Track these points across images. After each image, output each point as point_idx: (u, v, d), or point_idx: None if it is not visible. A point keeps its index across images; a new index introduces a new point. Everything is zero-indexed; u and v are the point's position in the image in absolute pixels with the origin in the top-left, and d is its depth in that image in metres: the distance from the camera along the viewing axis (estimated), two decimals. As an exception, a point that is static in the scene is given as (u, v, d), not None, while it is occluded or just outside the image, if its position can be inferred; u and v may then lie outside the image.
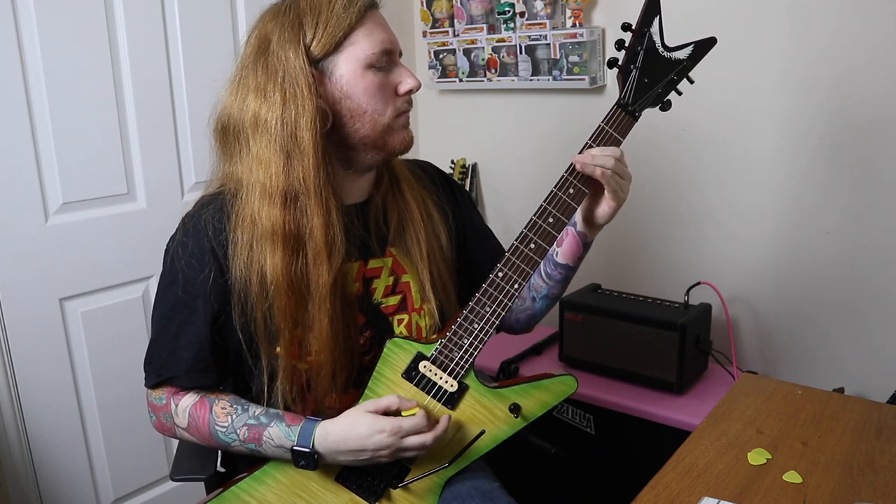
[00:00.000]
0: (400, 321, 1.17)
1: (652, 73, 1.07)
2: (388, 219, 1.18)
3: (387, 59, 1.09)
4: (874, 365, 1.75)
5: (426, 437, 1.04)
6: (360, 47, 1.06)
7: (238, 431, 1.09)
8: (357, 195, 1.17)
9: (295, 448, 1.05)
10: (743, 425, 1.16)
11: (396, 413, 1.06)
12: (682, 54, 1.07)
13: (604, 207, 1.12)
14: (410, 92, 1.11)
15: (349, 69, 1.07)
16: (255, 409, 1.10)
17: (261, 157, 1.05)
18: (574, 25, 2.00)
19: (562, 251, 1.20)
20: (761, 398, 1.25)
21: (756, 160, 1.84)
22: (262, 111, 1.05)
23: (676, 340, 1.66)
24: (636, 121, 1.09)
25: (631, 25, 1.07)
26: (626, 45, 1.08)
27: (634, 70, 1.07)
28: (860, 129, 1.69)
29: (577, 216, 1.17)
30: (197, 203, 1.14)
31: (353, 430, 1.04)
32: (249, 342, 1.10)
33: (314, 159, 1.04)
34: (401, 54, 1.14)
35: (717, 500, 0.96)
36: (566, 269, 1.22)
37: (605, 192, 1.10)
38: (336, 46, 1.06)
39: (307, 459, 1.05)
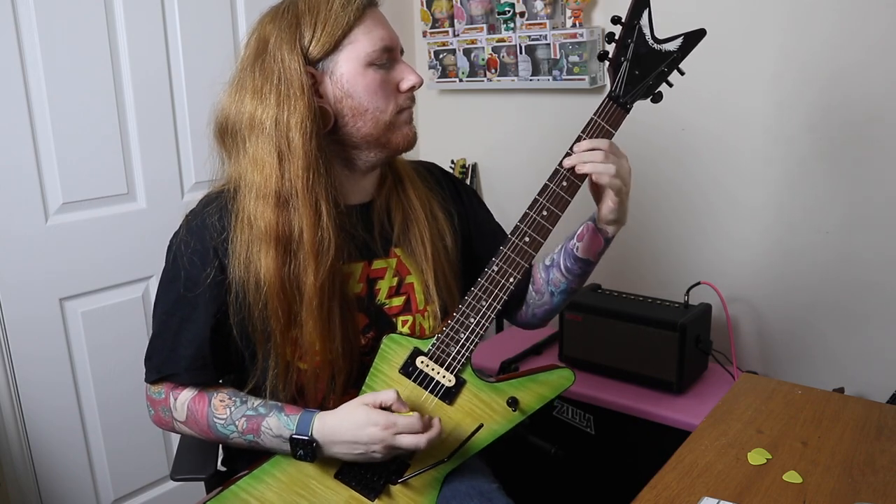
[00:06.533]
0: (404, 322, 1.17)
1: (642, 65, 1.08)
2: (392, 219, 1.18)
3: (387, 57, 1.09)
4: (874, 365, 1.75)
5: (420, 439, 1.03)
6: (360, 45, 1.07)
7: (237, 423, 1.09)
8: (360, 196, 1.17)
9: (293, 436, 1.05)
10: (743, 425, 1.16)
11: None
12: (671, 46, 1.08)
13: (607, 203, 1.11)
14: (412, 88, 1.12)
15: (349, 68, 1.07)
16: (254, 402, 1.10)
17: (256, 158, 1.06)
18: (574, 25, 2.00)
19: (582, 246, 1.19)
20: (761, 398, 1.25)
21: (755, 160, 1.84)
22: (258, 113, 1.05)
23: (676, 340, 1.66)
24: (628, 113, 1.09)
25: (620, 19, 1.08)
26: (617, 37, 1.09)
27: (625, 62, 1.07)
28: (859, 128, 1.69)
29: (596, 212, 1.16)
30: (201, 201, 1.15)
31: (347, 420, 1.04)
32: (246, 341, 1.10)
33: (304, 160, 1.04)
34: (402, 52, 1.14)
35: (717, 500, 0.96)
36: (586, 265, 1.21)
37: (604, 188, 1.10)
38: (335, 46, 1.06)
39: (305, 448, 1.05)
